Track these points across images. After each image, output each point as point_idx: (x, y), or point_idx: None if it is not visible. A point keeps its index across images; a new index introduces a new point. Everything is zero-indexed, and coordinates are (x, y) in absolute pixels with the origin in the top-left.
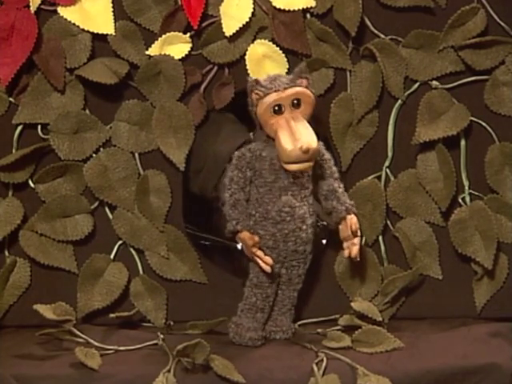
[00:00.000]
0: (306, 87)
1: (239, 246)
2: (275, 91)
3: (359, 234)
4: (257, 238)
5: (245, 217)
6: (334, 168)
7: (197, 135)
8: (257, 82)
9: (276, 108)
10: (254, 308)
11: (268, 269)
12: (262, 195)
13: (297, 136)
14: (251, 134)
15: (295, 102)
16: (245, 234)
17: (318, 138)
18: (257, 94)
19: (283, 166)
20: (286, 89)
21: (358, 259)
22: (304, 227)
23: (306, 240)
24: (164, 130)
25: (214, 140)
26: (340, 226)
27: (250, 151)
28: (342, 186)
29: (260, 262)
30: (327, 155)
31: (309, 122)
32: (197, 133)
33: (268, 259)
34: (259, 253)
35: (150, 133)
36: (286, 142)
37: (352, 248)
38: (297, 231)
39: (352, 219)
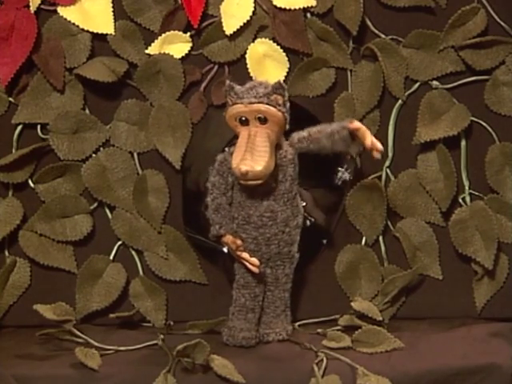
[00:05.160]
0: (278, 105)
1: (225, 250)
2: (241, 103)
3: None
4: (239, 242)
5: (228, 220)
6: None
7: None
8: (231, 87)
9: (242, 119)
10: (245, 309)
11: (256, 270)
12: (244, 199)
13: (245, 156)
14: None
15: (261, 117)
16: (228, 238)
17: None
18: (229, 99)
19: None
20: (251, 103)
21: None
22: (287, 230)
23: (290, 242)
24: (162, 129)
25: (202, 135)
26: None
27: (231, 156)
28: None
29: (247, 263)
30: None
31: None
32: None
33: (254, 261)
34: (244, 255)
35: (149, 132)
36: (234, 158)
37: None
38: (279, 235)
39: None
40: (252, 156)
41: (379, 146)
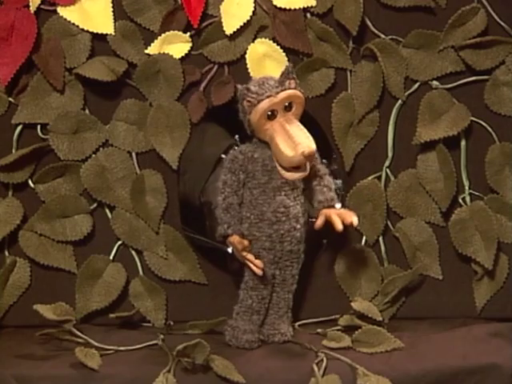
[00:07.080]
0: (295, 88)
1: (230, 250)
2: (267, 97)
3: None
4: (246, 242)
5: (236, 221)
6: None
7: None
8: (248, 89)
9: (270, 113)
10: (250, 310)
11: (260, 272)
12: (255, 197)
13: (295, 141)
14: (236, 136)
15: (286, 104)
16: (234, 238)
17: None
18: (249, 101)
19: (280, 173)
20: (277, 93)
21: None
22: (298, 226)
23: (300, 239)
24: (160, 129)
25: (198, 144)
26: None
27: (241, 153)
28: (327, 180)
29: (251, 265)
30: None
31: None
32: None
33: (258, 262)
34: (249, 256)
35: (147, 132)
36: (286, 149)
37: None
38: (292, 231)
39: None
40: (300, 140)
41: (348, 217)
